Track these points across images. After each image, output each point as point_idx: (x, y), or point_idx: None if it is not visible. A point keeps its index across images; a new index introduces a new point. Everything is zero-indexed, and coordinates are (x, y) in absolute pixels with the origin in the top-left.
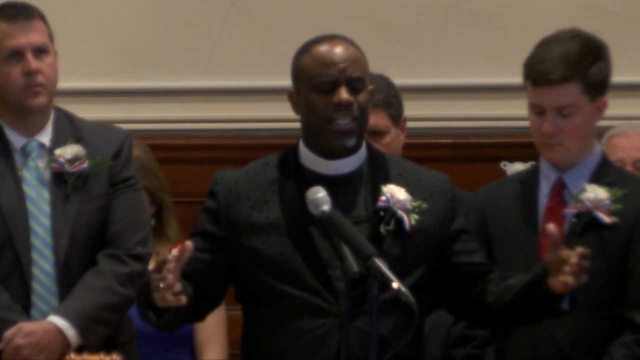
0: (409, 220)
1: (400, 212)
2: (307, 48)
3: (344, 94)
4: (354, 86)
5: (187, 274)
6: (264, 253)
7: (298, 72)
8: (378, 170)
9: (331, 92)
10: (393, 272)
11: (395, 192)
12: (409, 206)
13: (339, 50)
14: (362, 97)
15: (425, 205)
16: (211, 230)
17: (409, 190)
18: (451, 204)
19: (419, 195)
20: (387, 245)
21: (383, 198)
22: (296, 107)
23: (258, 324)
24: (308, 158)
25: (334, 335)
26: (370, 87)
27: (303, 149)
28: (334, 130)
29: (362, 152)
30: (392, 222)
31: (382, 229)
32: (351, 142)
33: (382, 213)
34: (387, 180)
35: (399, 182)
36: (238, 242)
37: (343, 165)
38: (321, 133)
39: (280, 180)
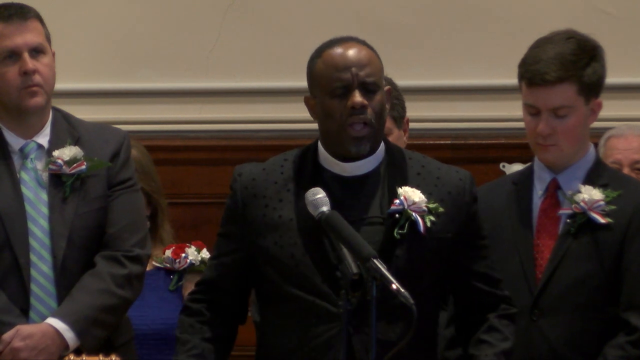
0: (424, 223)
1: (414, 215)
2: (320, 52)
3: (357, 97)
4: (368, 89)
5: (215, 280)
6: (275, 254)
7: (313, 77)
8: (395, 171)
9: (345, 96)
10: (405, 275)
11: (409, 195)
12: (424, 208)
13: (351, 53)
14: (376, 99)
15: (441, 209)
16: (231, 230)
17: (427, 191)
18: (468, 206)
19: (436, 195)
20: (400, 249)
21: (397, 201)
22: (313, 112)
23: (270, 324)
24: (326, 159)
25: (341, 340)
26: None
27: (321, 149)
28: (349, 136)
29: (380, 152)
30: (407, 226)
31: (396, 233)
32: (366, 148)
33: (397, 216)
34: (405, 180)
35: (417, 182)
36: (253, 240)
37: (360, 167)
38: (337, 138)
39: (297, 178)
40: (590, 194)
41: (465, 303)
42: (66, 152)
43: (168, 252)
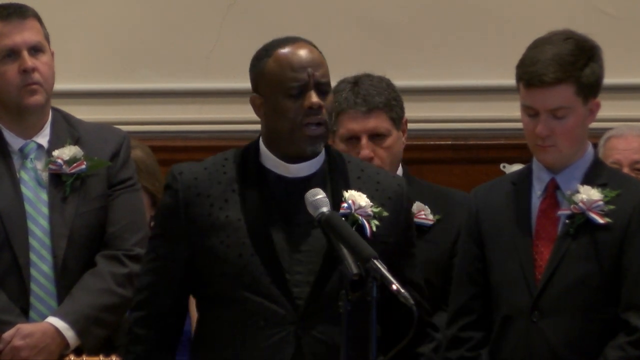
0: (370, 227)
1: (361, 219)
2: (269, 52)
3: (314, 98)
4: (322, 89)
5: (156, 285)
6: (222, 254)
7: (262, 77)
8: (337, 173)
9: (300, 96)
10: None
11: (356, 199)
12: (370, 212)
13: (305, 53)
14: (329, 100)
15: (385, 213)
16: (169, 230)
17: (369, 195)
18: (406, 212)
19: (377, 199)
20: None
21: (345, 205)
22: (260, 112)
23: (212, 327)
24: (269, 159)
25: (290, 343)
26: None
27: (264, 150)
28: (305, 135)
29: (322, 154)
30: (354, 229)
31: None
32: (320, 147)
33: (343, 219)
34: (347, 183)
35: (358, 186)
36: (196, 240)
37: (303, 169)
38: (291, 138)
39: (241, 179)
40: (589, 194)
41: (395, 312)
42: (66, 152)
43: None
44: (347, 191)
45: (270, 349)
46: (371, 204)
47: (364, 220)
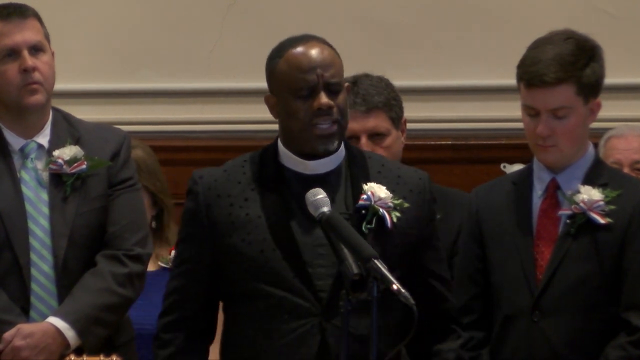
0: (391, 218)
1: (381, 211)
2: (281, 52)
3: (324, 99)
4: (333, 89)
5: (183, 290)
6: (244, 251)
7: (274, 77)
8: (357, 169)
9: (310, 97)
10: None
11: (376, 190)
12: (390, 204)
13: (315, 53)
14: (340, 99)
15: (406, 205)
16: (193, 233)
17: (389, 189)
18: (429, 204)
19: (398, 193)
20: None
21: (364, 196)
22: (274, 111)
23: (237, 324)
24: (287, 157)
25: (315, 335)
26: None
27: (282, 148)
28: (316, 134)
29: (341, 151)
30: (374, 221)
31: (364, 227)
32: (333, 145)
33: (363, 211)
34: (367, 178)
35: (379, 180)
36: (219, 240)
37: (322, 165)
38: (303, 138)
39: (260, 178)
40: (590, 194)
41: (422, 305)
42: (66, 152)
43: (174, 253)
44: (366, 184)
45: (296, 342)
46: (391, 195)
47: (384, 212)
